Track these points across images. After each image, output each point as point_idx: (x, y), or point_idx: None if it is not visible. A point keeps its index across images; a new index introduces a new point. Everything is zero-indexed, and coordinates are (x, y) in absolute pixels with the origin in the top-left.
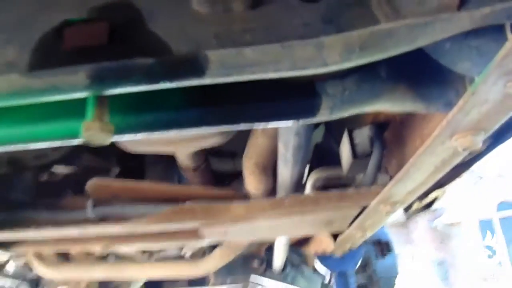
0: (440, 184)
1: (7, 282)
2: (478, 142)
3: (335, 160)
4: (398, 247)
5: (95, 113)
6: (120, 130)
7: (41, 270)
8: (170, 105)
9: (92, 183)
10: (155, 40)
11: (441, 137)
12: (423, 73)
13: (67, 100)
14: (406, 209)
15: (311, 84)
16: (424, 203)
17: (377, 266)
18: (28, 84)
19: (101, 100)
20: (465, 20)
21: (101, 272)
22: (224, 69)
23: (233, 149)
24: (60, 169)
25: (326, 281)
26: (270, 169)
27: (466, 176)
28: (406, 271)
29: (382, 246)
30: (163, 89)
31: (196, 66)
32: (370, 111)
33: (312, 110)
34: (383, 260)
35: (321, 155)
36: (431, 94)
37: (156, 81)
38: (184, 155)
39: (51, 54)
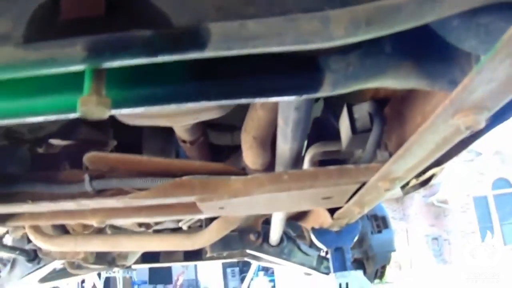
0: (438, 162)
1: (5, 253)
2: (481, 121)
3: (334, 135)
4: (393, 222)
5: (92, 87)
6: (117, 104)
7: (38, 242)
8: (169, 79)
9: (90, 156)
10: (154, 11)
11: (443, 115)
12: (429, 49)
13: (64, 73)
14: (403, 186)
15: (314, 59)
16: (421, 180)
17: (373, 241)
18: (23, 57)
19: (98, 74)
20: None
21: (98, 244)
22: (226, 42)
23: (232, 122)
24: (57, 142)
25: (323, 254)
26: (268, 143)
27: (463, 153)
28: (401, 246)
29: (379, 221)
30: (162, 62)
31: (197, 39)
32: (373, 86)
33: (314, 85)
34: (379, 235)
35: (320, 129)
36: (436, 71)
37: (155, 54)
38: (182, 128)
39: (47, 25)
